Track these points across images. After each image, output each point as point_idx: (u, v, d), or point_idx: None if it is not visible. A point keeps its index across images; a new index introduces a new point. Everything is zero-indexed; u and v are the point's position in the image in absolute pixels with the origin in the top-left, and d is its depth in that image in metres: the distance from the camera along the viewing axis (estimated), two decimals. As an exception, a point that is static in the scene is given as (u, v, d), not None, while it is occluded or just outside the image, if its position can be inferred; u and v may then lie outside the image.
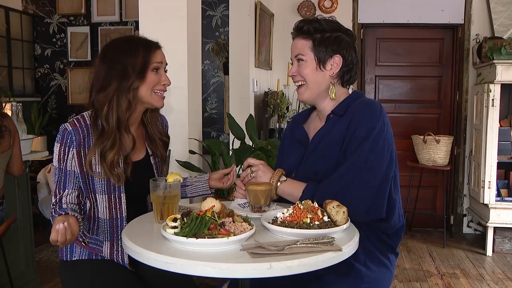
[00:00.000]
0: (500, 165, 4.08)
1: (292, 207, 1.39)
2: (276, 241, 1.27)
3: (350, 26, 4.53)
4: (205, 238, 1.21)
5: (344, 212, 1.36)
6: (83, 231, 1.62)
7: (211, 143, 3.11)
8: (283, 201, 1.65)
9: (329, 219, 1.35)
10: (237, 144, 3.22)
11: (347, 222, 1.36)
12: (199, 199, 1.96)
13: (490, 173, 4.02)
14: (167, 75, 1.69)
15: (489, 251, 4.04)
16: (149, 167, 1.75)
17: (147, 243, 1.27)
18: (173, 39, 2.66)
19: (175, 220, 1.29)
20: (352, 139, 1.57)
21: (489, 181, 4.03)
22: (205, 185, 1.86)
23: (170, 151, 1.74)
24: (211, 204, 1.38)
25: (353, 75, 1.70)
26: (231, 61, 3.93)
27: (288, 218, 1.35)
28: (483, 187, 4.04)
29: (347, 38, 1.67)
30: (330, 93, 1.67)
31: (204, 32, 3.82)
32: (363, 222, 1.52)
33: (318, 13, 4.48)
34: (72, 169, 1.59)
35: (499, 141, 4.01)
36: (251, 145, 3.19)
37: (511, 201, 4.02)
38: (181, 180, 1.55)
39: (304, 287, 1.56)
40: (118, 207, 1.63)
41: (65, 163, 1.58)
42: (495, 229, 4.05)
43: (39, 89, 5.57)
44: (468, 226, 4.68)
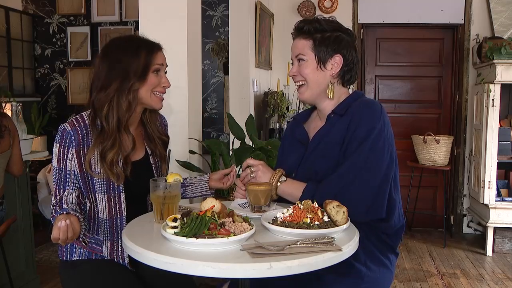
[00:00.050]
0: (500, 165, 4.08)
1: (292, 207, 1.39)
2: (276, 241, 1.27)
3: (350, 26, 4.52)
4: (205, 238, 1.21)
5: (344, 212, 1.36)
6: (83, 231, 1.62)
7: (211, 143, 3.11)
8: (283, 201, 1.65)
9: (329, 219, 1.35)
10: (237, 144, 3.22)
11: (347, 222, 1.36)
12: (199, 199, 1.96)
13: (490, 173, 4.02)
14: (167, 77, 1.69)
15: (489, 251, 4.04)
16: (148, 166, 1.75)
17: (147, 243, 1.27)
18: (173, 39, 2.66)
19: (175, 220, 1.29)
20: (352, 139, 1.57)
21: (489, 181, 4.03)
22: (205, 185, 1.86)
23: (170, 151, 1.74)
24: (211, 204, 1.38)
25: (353, 74, 1.70)
26: (231, 61, 3.93)
27: (288, 218, 1.35)
28: (483, 187, 4.04)
29: (347, 38, 1.67)
30: (329, 92, 1.67)
31: (204, 32, 3.82)
32: (363, 222, 1.52)
33: (318, 13, 4.48)
34: (72, 169, 1.59)
35: (499, 141, 4.01)
36: (251, 145, 3.19)
37: (511, 201, 4.02)
38: (181, 180, 1.55)
39: (304, 287, 1.56)
40: (118, 206, 1.63)
41: (64, 163, 1.58)
42: (495, 229, 4.05)
43: (39, 89, 5.57)
44: (468, 226, 4.68)
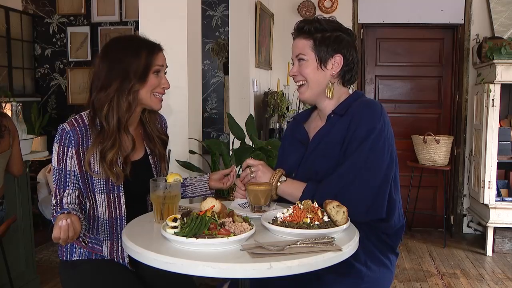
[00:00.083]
0: (500, 165, 4.08)
1: (292, 207, 1.39)
2: (276, 241, 1.27)
3: (350, 26, 4.52)
4: (205, 238, 1.21)
5: (344, 212, 1.36)
6: (83, 231, 1.62)
7: (211, 143, 3.11)
8: (283, 201, 1.65)
9: (329, 219, 1.35)
10: (237, 144, 3.22)
11: (347, 222, 1.36)
12: (199, 199, 1.96)
13: (490, 173, 4.02)
14: (166, 78, 1.69)
15: (489, 251, 4.04)
16: (148, 166, 1.75)
17: (147, 243, 1.27)
18: (173, 39, 2.66)
19: (175, 220, 1.29)
20: (352, 139, 1.57)
21: (489, 181, 4.03)
22: (205, 185, 1.86)
23: (170, 151, 1.74)
24: (211, 204, 1.38)
25: (354, 74, 1.70)
26: (231, 61, 3.93)
27: (288, 218, 1.35)
28: (483, 187, 4.04)
29: (347, 38, 1.67)
30: (328, 91, 1.67)
31: (204, 32, 3.82)
32: (363, 222, 1.52)
33: (318, 13, 4.48)
34: (71, 169, 1.59)
35: (499, 141, 4.01)
36: (251, 145, 3.19)
37: (511, 201, 4.02)
38: (181, 180, 1.54)
39: (304, 287, 1.56)
40: (118, 206, 1.63)
41: (64, 163, 1.58)
42: (495, 229, 4.05)
43: (39, 89, 5.57)
44: (468, 226, 4.68)
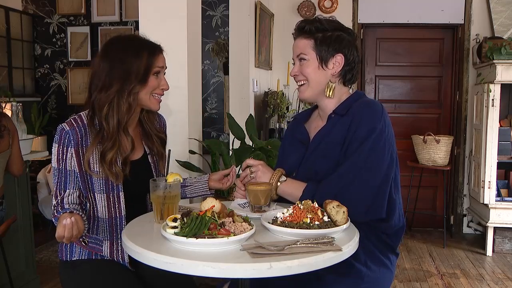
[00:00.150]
0: (500, 165, 4.08)
1: (292, 207, 1.39)
2: (276, 241, 1.27)
3: (350, 26, 4.52)
4: (205, 238, 1.21)
5: (344, 212, 1.35)
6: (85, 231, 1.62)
7: (211, 143, 3.11)
8: (283, 201, 1.65)
9: (329, 219, 1.35)
10: (237, 144, 3.22)
11: (347, 222, 1.36)
12: (199, 199, 1.96)
13: (490, 173, 4.02)
14: (166, 79, 1.69)
15: (489, 251, 4.04)
16: (147, 165, 1.75)
17: (147, 243, 1.27)
18: (173, 39, 2.66)
19: (175, 220, 1.29)
20: (353, 139, 1.57)
21: (489, 181, 4.03)
22: (204, 185, 1.86)
23: (170, 151, 1.74)
24: (211, 204, 1.38)
25: (354, 74, 1.70)
26: (231, 61, 3.93)
27: (288, 218, 1.35)
28: (483, 187, 4.04)
29: (348, 37, 1.67)
30: (327, 90, 1.66)
31: (204, 32, 3.82)
32: (363, 222, 1.52)
33: (318, 13, 4.48)
34: (71, 168, 1.59)
35: (499, 141, 4.01)
36: (251, 145, 3.19)
37: (511, 201, 4.02)
38: (181, 180, 1.54)
39: (304, 287, 1.56)
40: (117, 206, 1.63)
41: (64, 163, 1.58)
42: (495, 229, 4.05)
43: (39, 89, 5.57)
44: (468, 226, 4.68)
